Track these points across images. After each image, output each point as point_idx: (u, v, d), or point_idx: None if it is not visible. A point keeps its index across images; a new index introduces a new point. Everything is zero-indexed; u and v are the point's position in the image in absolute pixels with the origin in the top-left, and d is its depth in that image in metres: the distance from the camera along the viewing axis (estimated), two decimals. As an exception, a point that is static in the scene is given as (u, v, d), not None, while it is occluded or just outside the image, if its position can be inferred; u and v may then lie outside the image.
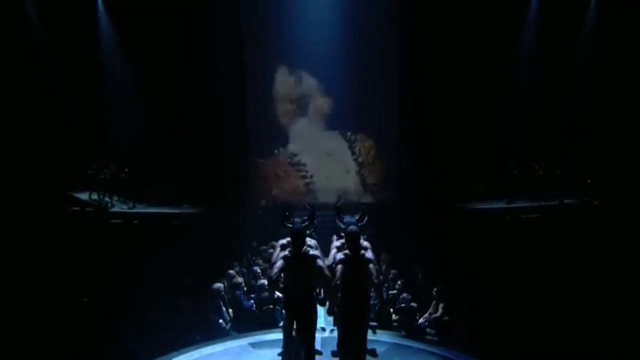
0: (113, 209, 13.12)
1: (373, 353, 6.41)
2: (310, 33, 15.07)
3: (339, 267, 5.32)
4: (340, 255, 5.44)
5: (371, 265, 5.36)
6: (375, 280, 5.40)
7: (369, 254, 5.48)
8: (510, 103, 14.32)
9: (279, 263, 5.28)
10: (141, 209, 13.49)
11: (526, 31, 14.49)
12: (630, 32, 12.34)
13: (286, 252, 5.37)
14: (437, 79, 13.98)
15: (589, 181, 12.88)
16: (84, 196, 12.95)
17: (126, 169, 13.49)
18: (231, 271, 8.56)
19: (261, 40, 15.49)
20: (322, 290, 5.97)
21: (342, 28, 14.86)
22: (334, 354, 6.17)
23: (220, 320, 7.51)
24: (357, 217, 6.16)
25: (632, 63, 12.43)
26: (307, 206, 6.52)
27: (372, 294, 6.04)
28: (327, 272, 5.34)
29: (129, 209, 13.38)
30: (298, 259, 5.28)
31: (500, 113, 14.20)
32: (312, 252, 5.42)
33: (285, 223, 5.93)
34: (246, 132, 15.48)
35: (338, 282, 5.28)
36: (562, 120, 13.98)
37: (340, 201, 7.08)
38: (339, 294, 5.39)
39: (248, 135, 15.50)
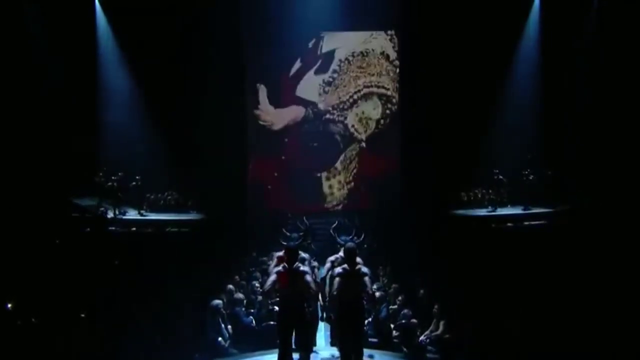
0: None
1: None
2: (309, 33, 15.03)
3: (337, 279, 5.89)
4: (338, 270, 6.01)
5: (366, 278, 5.90)
6: (370, 292, 5.99)
7: (364, 268, 6.01)
8: (510, 108, 14.24)
9: (273, 277, 5.91)
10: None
11: (526, 36, 14.35)
12: (631, 33, 12.19)
13: (280, 267, 5.97)
14: (437, 83, 13.91)
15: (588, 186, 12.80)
16: (84, 202, 12.85)
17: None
18: (231, 286, 8.48)
19: (261, 41, 15.37)
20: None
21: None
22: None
23: (220, 339, 7.45)
24: (352, 236, 6.92)
25: (632, 64, 12.29)
26: (301, 225, 6.87)
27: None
28: (314, 286, 6.03)
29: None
30: (290, 274, 5.85)
31: (500, 118, 14.13)
32: (302, 267, 5.98)
33: (281, 240, 6.78)
34: (247, 135, 15.39)
35: (335, 293, 5.88)
36: (562, 123, 13.88)
37: (337, 222, 7.90)
38: (337, 304, 5.99)
39: (248, 139, 15.39)
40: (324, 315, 6.93)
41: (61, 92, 13.40)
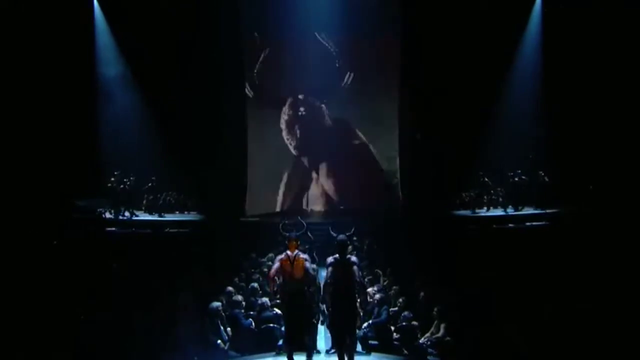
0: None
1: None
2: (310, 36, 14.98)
3: (329, 268, 6.41)
4: (330, 259, 6.50)
5: (355, 267, 6.42)
6: (358, 280, 6.44)
7: (353, 258, 6.57)
8: (511, 109, 14.19)
9: (276, 264, 6.58)
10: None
11: (528, 35, 14.28)
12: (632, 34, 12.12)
13: (282, 255, 6.63)
14: (438, 83, 13.85)
15: (590, 187, 12.76)
16: (84, 203, 12.77)
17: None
18: (230, 288, 8.40)
19: (261, 44, 15.32)
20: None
21: (343, 33, 14.66)
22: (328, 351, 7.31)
23: (219, 341, 7.38)
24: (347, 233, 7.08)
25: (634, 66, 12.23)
26: (301, 221, 7.74)
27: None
28: (312, 272, 6.74)
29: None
30: (291, 260, 6.54)
31: (501, 119, 14.08)
32: (302, 255, 6.66)
33: (283, 232, 7.15)
34: (246, 137, 15.31)
35: (329, 280, 6.38)
36: (564, 125, 13.81)
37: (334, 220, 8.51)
38: (330, 290, 6.45)
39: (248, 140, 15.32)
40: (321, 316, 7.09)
41: (59, 92, 13.32)
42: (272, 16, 14.98)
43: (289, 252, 6.61)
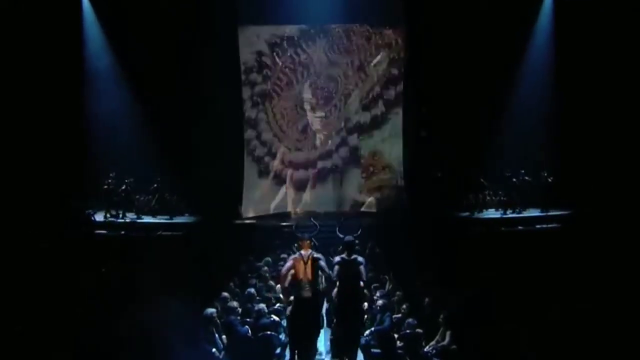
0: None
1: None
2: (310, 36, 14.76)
3: (336, 267, 6.69)
4: (337, 259, 6.80)
5: (361, 267, 6.69)
6: (365, 279, 6.78)
7: (360, 258, 6.82)
8: (519, 108, 13.99)
9: (289, 263, 6.69)
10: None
11: (538, 30, 14.08)
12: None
13: (295, 255, 6.80)
14: (442, 82, 13.66)
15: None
16: (74, 204, 12.50)
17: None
18: (225, 293, 8.10)
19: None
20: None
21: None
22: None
23: (214, 350, 7.07)
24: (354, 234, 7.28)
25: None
26: (314, 222, 7.75)
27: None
28: (327, 270, 6.73)
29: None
30: (305, 260, 6.62)
31: (508, 119, 13.91)
32: (315, 255, 6.73)
33: (297, 233, 7.32)
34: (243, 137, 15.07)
35: (335, 279, 6.68)
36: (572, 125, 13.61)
37: (342, 220, 8.84)
38: (336, 288, 6.75)
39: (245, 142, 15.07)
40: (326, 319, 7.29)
41: (47, 89, 13.03)
42: (270, 14, 14.76)
43: (302, 252, 6.69)
